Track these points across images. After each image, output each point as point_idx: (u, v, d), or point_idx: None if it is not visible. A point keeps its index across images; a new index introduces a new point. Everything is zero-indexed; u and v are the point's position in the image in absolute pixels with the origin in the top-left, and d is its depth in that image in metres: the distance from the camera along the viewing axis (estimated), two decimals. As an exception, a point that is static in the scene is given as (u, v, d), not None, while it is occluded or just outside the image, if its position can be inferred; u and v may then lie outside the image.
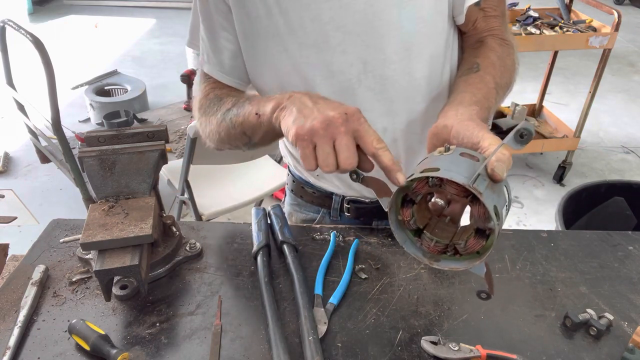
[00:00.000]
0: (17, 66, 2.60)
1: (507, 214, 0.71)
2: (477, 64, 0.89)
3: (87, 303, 0.86)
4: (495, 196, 0.66)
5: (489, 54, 0.91)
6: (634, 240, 1.05)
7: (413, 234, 0.77)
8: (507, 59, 0.91)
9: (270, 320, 0.81)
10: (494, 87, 0.85)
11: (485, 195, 0.64)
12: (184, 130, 2.88)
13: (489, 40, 0.94)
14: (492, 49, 0.92)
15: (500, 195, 0.68)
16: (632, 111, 4.26)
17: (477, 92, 0.82)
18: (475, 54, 0.93)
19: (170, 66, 4.95)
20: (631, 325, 0.85)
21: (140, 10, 6.59)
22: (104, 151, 0.88)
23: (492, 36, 0.94)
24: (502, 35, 0.94)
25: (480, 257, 0.71)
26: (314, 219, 1.17)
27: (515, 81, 0.94)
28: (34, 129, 2.67)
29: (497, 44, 0.93)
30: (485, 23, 0.94)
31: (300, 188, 1.16)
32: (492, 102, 0.83)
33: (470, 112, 0.76)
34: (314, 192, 1.13)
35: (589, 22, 3.03)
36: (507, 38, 0.95)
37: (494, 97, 0.84)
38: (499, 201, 0.67)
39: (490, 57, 0.90)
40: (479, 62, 0.89)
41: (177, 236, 0.96)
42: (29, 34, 2.18)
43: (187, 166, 1.97)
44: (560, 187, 3.26)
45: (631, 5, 6.98)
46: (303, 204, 1.18)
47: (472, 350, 0.77)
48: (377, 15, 0.86)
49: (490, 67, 0.88)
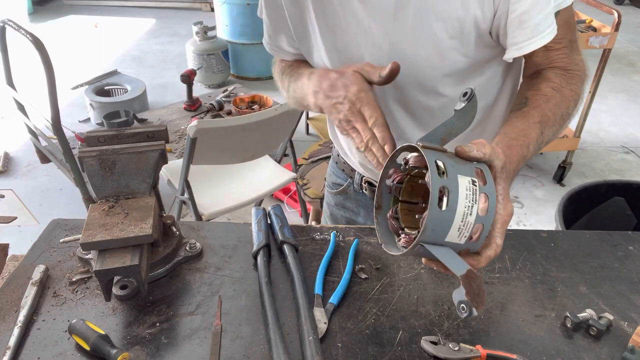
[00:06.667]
0: (17, 66, 2.60)
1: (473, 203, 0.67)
2: (525, 98, 0.87)
3: (87, 303, 0.86)
4: (452, 164, 0.68)
5: (541, 85, 0.88)
6: (634, 240, 1.05)
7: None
8: (565, 89, 0.88)
9: (270, 320, 0.81)
10: (538, 122, 0.83)
11: (428, 154, 0.67)
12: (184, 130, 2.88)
13: (547, 72, 0.91)
14: (548, 80, 0.89)
15: (458, 175, 0.67)
16: (632, 111, 4.26)
17: (511, 131, 0.81)
18: (528, 86, 0.91)
19: (170, 66, 4.95)
20: (631, 325, 0.85)
21: (140, 10, 6.59)
22: (104, 151, 0.88)
23: (552, 68, 0.91)
24: (565, 65, 0.90)
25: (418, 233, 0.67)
26: (341, 184, 1.30)
27: (577, 110, 0.90)
28: (34, 129, 2.67)
29: (556, 74, 0.89)
30: (546, 57, 0.90)
31: (337, 155, 1.31)
32: (533, 136, 0.82)
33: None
34: (344, 162, 1.26)
35: (589, 22, 3.03)
36: (570, 67, 0.90)
37: (535, 132, 0.82)
38: (453, 173, 0.67)
39: (542, 89, 0.87)
40: (529, 95, 0.87)
41: (177, 236, 0.96)
42: (29, 34, 2.18)
43: (187, 166, 1.97)
44: (560, 187, 3.26)
45: (631, 5, 6.98)
46: (337, 169, 1.31)
47: (472, 350, 0.77)
48: (393, 46, 0.89)
49: (540, 100, 0.86)
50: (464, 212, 0.66)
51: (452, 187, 0.65)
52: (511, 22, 0.83)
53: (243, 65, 4.66)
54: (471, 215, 0.66)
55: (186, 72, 3.19)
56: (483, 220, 0.68)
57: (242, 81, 4.49)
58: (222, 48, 4.35)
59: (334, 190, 1.33)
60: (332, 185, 1.34)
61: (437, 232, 0.66)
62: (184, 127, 2.91)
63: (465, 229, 0.66)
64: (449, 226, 0.66)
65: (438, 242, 0.67)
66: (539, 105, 0.85)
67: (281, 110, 2.04)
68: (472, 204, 0.66)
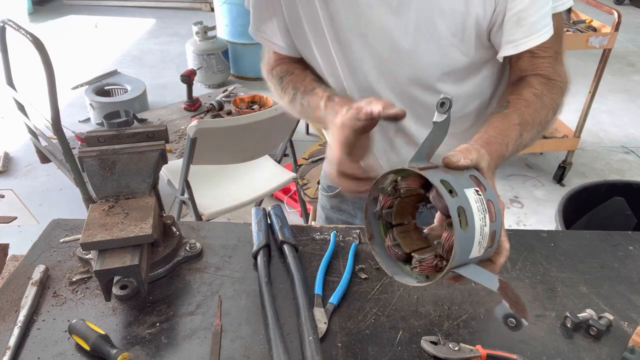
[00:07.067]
0: (17, 66, 2.60)
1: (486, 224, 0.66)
2: (507, 101, 0.87)
3: (87, 303, 0.86)
4: (452, 179, 0.66)
5: (523, 91, 0.88)
6: (634, 240, 1.05)
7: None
8: (545, 97, 0.88)
9: (270, 320, 0.81)
10: (518, 124, 0.83)
11: (431, 175, 0.64)
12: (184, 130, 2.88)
13: (530, 78, 0.91)
14: (530, 86, 0.89)
15: (464, 189, 0.66)
16: (632, 111, 4.26)
17: (491, 130, 0.81)
18: (511, 90, 0.91)
19: (170, 66, 4.95)
20: (631, 325, 0.85)
21: (140, 10, 6.58)
22: (104, 151, 0.88)
23: (535, 75, 0.91)
24: (548, 74, 0.90)
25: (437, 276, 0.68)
26: (337, 187, 1.22)
27: (554, 119, 0.90)
28: (34, 129, 2.67)
29: (539, 82, 0.89)
30: (531, 63, 0.90)
31: None
32: (512, 136, 0.81)
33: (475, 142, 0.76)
34: None
35: (589, 22, 3.03)
36: (553, 77, 0.90)
37: (514, 133, 0.82)
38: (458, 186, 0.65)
39: (523, 94, 0.87)
40: (510, 99, 0.87)
41: (177, 236, 0.96)
42: (29, 34, 2.18)
43: (187, 166, 1.97)
44: (560, 187, 3.26)
45: (631, 5, 6.98)
46: None
47: (472, 350, 0.77)
48: (394, 39, 0.89)
49: (521, 104, 0.86)
50: (480, 226, 0.65)
51: (465, 204, 0.64)
52: (508, 20, 0.84)
53: (243, 65, 4.65)
54: (486, 226, 0.66)
55: (186, 72, 3.19)
56: (494, 226, 0.67)
57: (242, 81, 4.48)
58: (222, 48, 4.35)
59: (330, 193, 1.30)
60: (327, 188, 1.31)
61: (464, 254, 0.65)
62: (184, 127, 2.90)
63: (483, 241, 0.66)
64: (472, 244, 0.65)
65: (463, 262, 0.66)
66: (519, 109, 0.85)
67: (281, 110, 2.04)
68: (484, 214, 0.66)
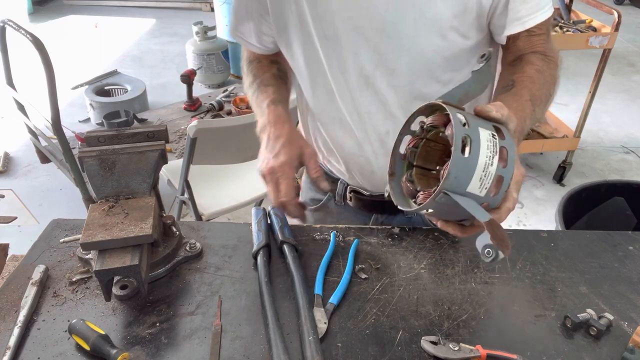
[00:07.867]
0: (17, 66, 2.59)
1: (493, 154, 0.68)
2: (512, 81, 0.89)
3: (87, 303, 0.86)
4: (473, 124, 0.68)
5: (526, 68, 0.90)
6: (634, 240, 1.05)
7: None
8: (546, 72, 0.90)
9: (270, 320, 0.81)
10: (529, 99, 0.85)
11: (450, 108, 0.68)
12: (184, 130, 2.88)
13: (529, 56, 0.93)
14: (531, 63, 0.91)
15: (479, 127, 0.69)
16: (632, 111, 4.26)
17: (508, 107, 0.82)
18: (513, 70, 0.92)
19: (170, 66, 4.95)
20: (631, 325, 0.85)
21: (140, 10, 6.58)
22: (104, 151, 0.88)
23: (533, 52, 0.93)
24: (544, 50, 0.93)
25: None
26: (320, 199, 1.23)
27: (555, 94, 0.93)
28: (34, 129, 2.67)
29: (538, 58, 0.92)
30: (529, 42, 0.93)
31: None
32: (528, 111, 0.84)
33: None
34: (325, 172, 1.17)
35: (589, 22, 3.03)
36: (548, 53, 0.93)
37: (529, 108, 0.84)
38: (475, 130, 0.68)
39: (527, 71, 0.90)
40: (515, 78, 0.89)
41: (177, 236, 0.96)
42: (29, 34, 2.18)
43: (187, 166, 1.97)
44: (560, 187, 3.26)
45: (631, 5, 6.97)
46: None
47: (472, 350, 0.77)
48: (393, 26, 0.87)
49: (527, 81, 0.88)
50: (485, 162, 0.67)
51: (474, 136, 0.67)
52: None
53: (243, 66, 4.65)
54: (492, 165, 0.67)
55: (186, 72, 3.19)
56: (503, 172, 0.69)
57: (242, 81, 4.48)
58: (222, 48, 4.35)
59: (313, 207, 1.24)
60: (310, 201, 1.25)
61: (460, 180, 0.66)
62: (184, 127, 2.90)
63: (486, 179, 0.67)
64: (472, 174, 0.66)
65: (460, 191, 0.67)
66: (526, 86, 0.88)
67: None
68: (493, 155, 0.68)
